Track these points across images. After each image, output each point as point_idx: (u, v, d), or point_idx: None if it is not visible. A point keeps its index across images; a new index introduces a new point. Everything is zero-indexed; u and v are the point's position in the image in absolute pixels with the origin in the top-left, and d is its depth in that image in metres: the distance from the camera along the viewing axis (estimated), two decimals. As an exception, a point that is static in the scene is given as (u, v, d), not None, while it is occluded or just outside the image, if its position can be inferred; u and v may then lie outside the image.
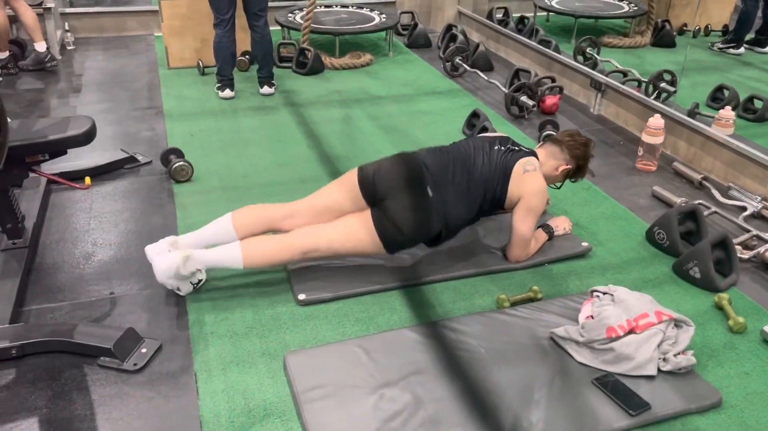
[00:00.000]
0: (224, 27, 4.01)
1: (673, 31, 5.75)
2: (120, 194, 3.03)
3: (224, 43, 4.06)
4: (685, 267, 2.47)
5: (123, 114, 3.98)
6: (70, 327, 2.07)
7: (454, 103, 4.27)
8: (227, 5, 3.95)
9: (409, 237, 2.33)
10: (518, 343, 2.10)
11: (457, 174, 2.39)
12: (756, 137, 3.54)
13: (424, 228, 2.33)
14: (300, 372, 1.95)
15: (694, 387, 1.94)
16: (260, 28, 4.11)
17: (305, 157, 3.45)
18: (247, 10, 4.08)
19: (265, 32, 4.13)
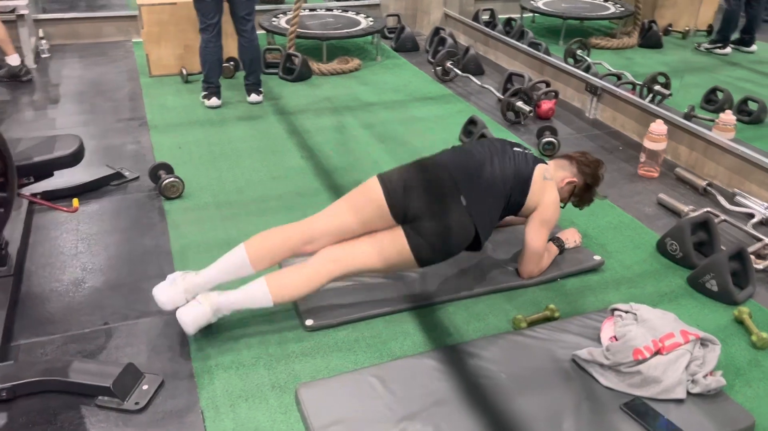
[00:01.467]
0: (210, 32, 3.87)
1: (659, 32, 5.74)
2: (108, 213, 2.88)
3: (210, 48, 3.92)
4: (702, 280, 2.41)
5: (105, 126, 3.81)
6: (64, 365, 1.93)
7: (448, 109, 4.18)
8: (214, 9, 3.81)
9: (447, 253, 2.24)
10: (539, 368, 2.01)
11: (484, 174, 2.28)
12: (753, 140, 3.51)
13: (462, 242, 2.23)
14: (314, 407, 1.83)
15: (726, 410, 1.87)
16: (248, 33, 3.97)
17: (301, 169, 3.32)
18: (234, 14, 3.94)
19: (252, 37, 4.00)
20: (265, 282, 2.08)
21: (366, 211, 2.20)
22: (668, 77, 4.18)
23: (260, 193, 3.08)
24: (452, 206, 2.18)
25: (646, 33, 5.71)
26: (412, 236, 2.15)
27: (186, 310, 2.04)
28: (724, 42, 5.45)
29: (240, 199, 3.02)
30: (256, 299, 2.09)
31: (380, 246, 2.16)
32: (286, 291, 2.10)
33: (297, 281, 2.11)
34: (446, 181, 2.22)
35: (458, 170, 2.27)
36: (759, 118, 3.97)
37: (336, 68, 4.84)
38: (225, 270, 2.15)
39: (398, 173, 2.27)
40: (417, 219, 2.16)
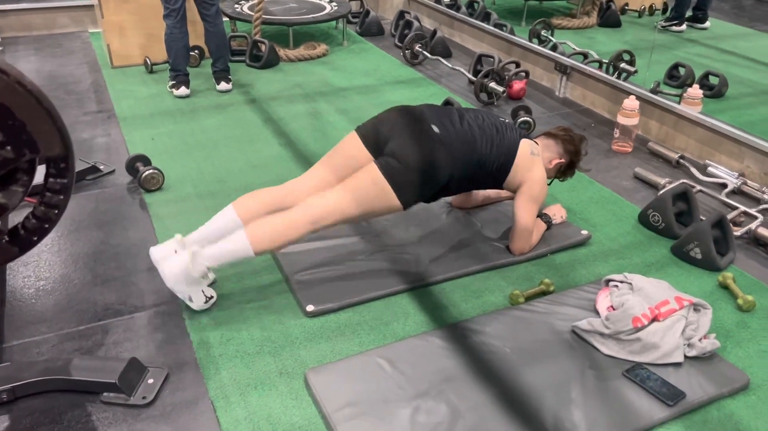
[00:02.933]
0: (174, 17, 3.77)
1: (617, 11, 5.86)
2: (88, 208, 2.80)
3: (176, 35, 3.82)
4: (686, 249, 2.49)
5: (72, 120, 3.69)
6: (64, 363, 1.88)
7: (420, 92, 4.19)
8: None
9: (418, 172, 2.15)
10: (542, 340, 2.06)
11: (464, 122, 2.32)
12: (717, 113, 3.63)
13: (433, 160, 2.18)
14: (326, 391, 1.84)
15: (722, 371, 1.95)
16: (212, 18, 3.89)
17: (280, 157, 3.29)
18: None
19: (217, 22, 3.92)
20: (244, 233, 2.07)
21: (342, 155, 2.28)
22: (633, 54, 4.28)
23: (242, 182, 3.03)
24: (421, 126, 2.22)
25: (605, 12, 5.82)
26: (382, 162, 2.17)
27: (165, 261, 2.06)
28: (679, 19, 5.60)
29: (222, 189, 2.97)
30: (236, 248, 2.07)
31: (355, 184, 2.16)
32: (265, 240, 2.08)
33: (276, 228, 2.10)
34: (418, 113, 2.29)
35: (435, 112, 2.33)
36: (720, 92, 4.10)
37: (304, 54, 4.79)
38: (215, 228, 2.17)
39: (374, 117, 2.36)
40: (387, 143, 2.20)
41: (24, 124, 1.42)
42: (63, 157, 1.50)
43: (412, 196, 2.21)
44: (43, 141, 1.46)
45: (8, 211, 1.55)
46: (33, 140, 1.45)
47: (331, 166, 2.30)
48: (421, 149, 2.17)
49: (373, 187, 2.14)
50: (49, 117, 1.44)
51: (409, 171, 2.15)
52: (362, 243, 2.53)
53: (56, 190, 1.56)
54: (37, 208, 1.59)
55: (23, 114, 1.41)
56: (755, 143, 3.05)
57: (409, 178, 2.16)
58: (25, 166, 1.51)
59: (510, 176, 2.39)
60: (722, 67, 4.56)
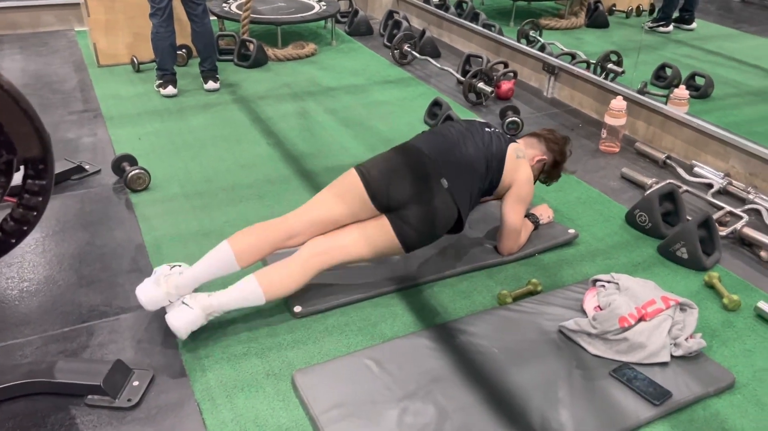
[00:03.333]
0: (161, 16, 3.75)
1: (605, 12, 5.89)
2: (74, 208, 2.77)
3: (162, 34, 3.80)
4: (672, 249, 2.50)
5: (57, 119, 3.66)
6: (48, 365, 1.86)
7: (409, 92, 4.19)
8: None
9: (432, 237, 2.25)
10: (529, 340, 2.06)
11: (460, 155, 2.30)
12: (703, 113, 3.65)
13: (447, 224, 2.25)
14: (313, 392, 1.83)
15: (708, 370, 1.96)
16: (199, 17, 3.86)
17: (268, 157, 3.27)
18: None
19: (204, 21, 3.89)
20: (255, 281, 2.03)
21: (347, 203, 2.18)
22: (620, 55, 4.30)
23: (230, 182, 3.02)
24: (435, 190, 2.19)
25: (593, 13, 5.84)
26: (397, 224, 2.15)
27: (177, 315, 1.95)
28: (666, 20, 5.64)
29: (209, 189, 2.96)
30: (248, 298, 2.04)
31: (366, 235, 2.15)
32: (276, 288, 2.06)
33: (287, 276, 2.08)
34: (426, 165, 2.23)
35: (436, 152, 2.28)
36: (706, 93, 4.13)
37: (292, 53, 4.77)
38: (210, 269, 2.08)
39: (376, 162, 2.26)
40: (401, 207, 2.16)
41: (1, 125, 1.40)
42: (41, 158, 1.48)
43: (420, 247, 2.28)
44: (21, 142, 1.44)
45: (-12, 212, 1.53)
46: (10, 141, 1.43)
47: (334, 203, 2.20)
48: (438, 220, 2.20)
49: (385, 243, 2.17)
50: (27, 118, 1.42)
51: (421, 236, 2.21)
52: (350, 244, 2.52)
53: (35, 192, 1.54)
54: (15, 209, 1.57)
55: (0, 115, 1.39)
56: (740, 143, 3.07)
57: (420, 242, 2.24)
58: (3, 167, 1.49)
59: (501, 184, 2.41)
60: (708, 68, 4.59)
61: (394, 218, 2.16)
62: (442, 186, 2.21)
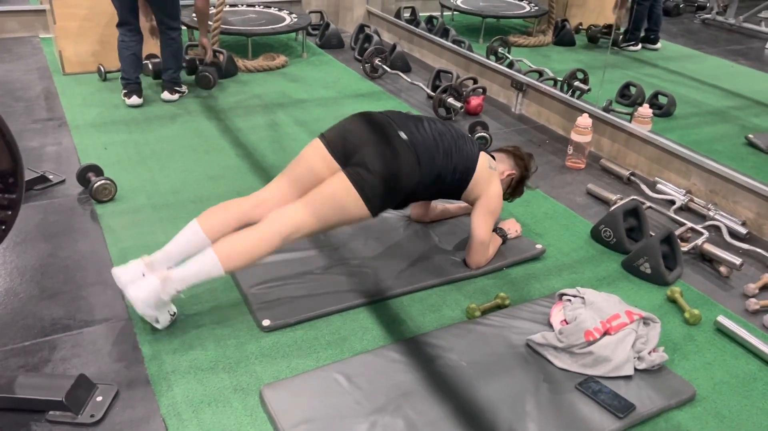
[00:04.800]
0: (126, 26, 3.75)
1: (572, 30, 6.02)
2: (36, 219, 2.71)
3: (126, 42, 3.79)
4: (636, 264, 2.56)
5: (20, 127, 3.58)
6: (8, 380, 1.81)
7: (380, 106, 4.20)
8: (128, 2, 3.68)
9: (389, 182, 2.16)
10: (497, 353, 2.08)
11: (425, 129, 2.32)
12: (666, 131, 3.76)
13: (403, 169, 2.19)
14: (281, 407, 1.81)
15: (670, 383, 2.00)
16: (170, 29, 3.85)
17: (237, 168, 3.25)
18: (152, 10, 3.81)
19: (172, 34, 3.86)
20: (212, 251, 2.02)
21: (307, 164, 2.22)
22: (586, 73, 4.40)
23: (198, 194, 2.99)
24: (389, 134, 2.22)
25: (560, 32, 5.96)
26: (351, 172, 2.14)
27: (136, 287, 1.98)
28: (635, 40, 5.78)
29: (177, 200, 2.92)
30: (206, 268, 2.01)
31: (323, 195, 2.13)
32: (235, 258, 2.03)
33: (246, 245, 2.05)
34: (385, 119, 2.28)
35: (395, 116, 2.34)
36: (669, 111, 4.25)
37: (263, 65, 4.76)
38: (181, 245, 2.10)
39: (338, 125, 2.32)
40: (356, 153, 2.17)
41: None
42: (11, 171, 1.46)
43: (382, 204, 2.22)
44: None
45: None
46: None
47: (296, 176, 2.25)
48: (391, 159, 2.17)
49: (344, 196, 2.13)
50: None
51: (379, 181, 2.15)
52: (320, 257, 2.52)
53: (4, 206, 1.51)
54: (-17, 223, 1.53)
55: None
56: (701, 161, 3.16)
57: (380, 188, 2.16)
58: None
59: (469, 188, 2.42)
60: (671, 87, 4.72)
61: (350, 169, 2.16)
62: (400, 136, 2.23)
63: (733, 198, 3.04)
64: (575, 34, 6.11)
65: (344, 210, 2.15)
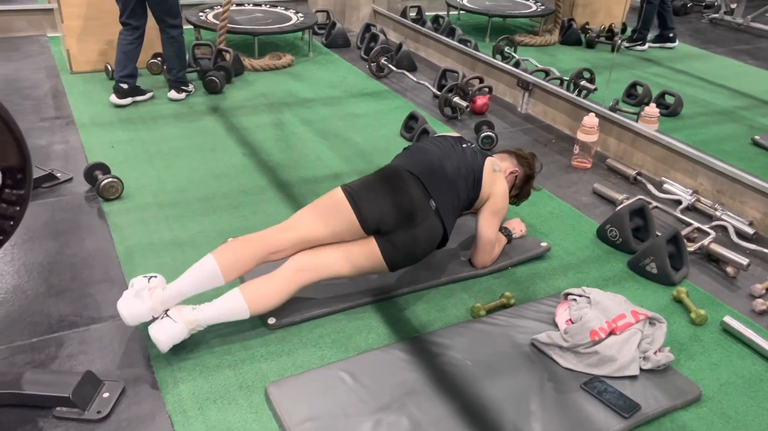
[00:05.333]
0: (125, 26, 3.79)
1: (579, 30, 6.00)
2: (44, 217, 2.73)
3: (121, 40, 3.82)
4: (642, 263, 2.55)
5: (28, 125, 3.60)
6: (15, 377, 1.82)
7: (386, 105, 4.21)
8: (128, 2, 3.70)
9: (419, 258, 2.29)
10: (502, 353, 2.08)
11: (445, 172, 2.33)
12: (672, 131, 3.74)
13: (433, 245, 2.29)
14: (286, 405, 1.82)
15: (676, 383, 2.00)
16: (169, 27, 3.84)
17: (243, 167, 3.26)
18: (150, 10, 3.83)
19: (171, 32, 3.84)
20: (241, 295, 2.02)
21: (334, 222, 2.16)
22: (592, 72, 4.39)
23: (204, 192, 3.00)
24: (424, 212, 2.21)
25: (566, 31, 5.95)
26: (386, 247, 2.17)
27: (160, 329, 1.93)
28: (643, 40, 5.76)
29: (183, 199, 2.93)
30: (233, 312, 2.02)
31: (352, 255, 2.15)
32: (261, 302, 2.05)
33: (272, 291, 2.07)
34: (415, 188, 2.23)
35: (423, 173, 2.29)
36: (676, 111, 4.23)
37: (269, 64, 4.77)
38: (195, 283, 2.04)
39: (364, 186, 2.24)
40: (391, 232, 2.17)
41: None
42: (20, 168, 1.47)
43: (405, 267, 2.32)
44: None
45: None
46: None
47: (321, 221, 2.17)
48: (426, 242, 2.24)
49: (370, 263, 2.19)
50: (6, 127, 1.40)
51: (407, 257, 2.24)
52: (325, 256, 2.52)
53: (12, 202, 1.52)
54: (-8, 219, 1.54)
55: None
56: (708, 161, 3.15)
57: (406, 262, 2.28)
58: None
59: (479, 199, 2.45)
60: (678, 86, 4.71)
61: (383, 242, 2.17)
62: (430, 207, 2.23)
63: (740, 198, 3.03)
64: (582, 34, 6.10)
65: (366, 271, 2.22)
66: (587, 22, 6.27)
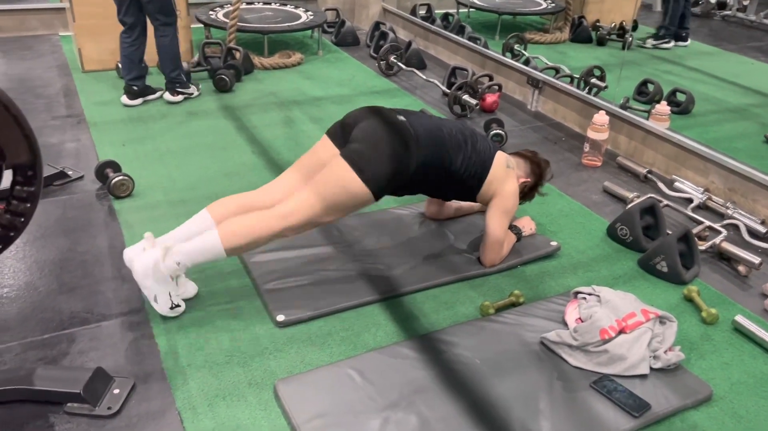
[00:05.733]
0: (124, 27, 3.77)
1: (589, 27, 5.97)
2: (55, 214, 2.75)
3: (120, 43, 3.79)
4: (652, 262, 2.54)
5: (40, 124, 3.63)
6: (27, 372, 1.84)
7: (395, 103, 4.21)
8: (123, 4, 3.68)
9: (383, 153, 2.11)
10: (511, 351, 2.07)
11: (431, 122, 2.34)
12: (683, 129, 3.71)
13: (398, 142, 2.15)
14: (295, 402, 1.83)
15: (686, 383, 1.99)
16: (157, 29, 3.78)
17: (253, 165, 3.27)
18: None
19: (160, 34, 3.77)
20: (215, 230, 2.07)
21: (315, 155, 2.28)
22: (603, 70, 4.37)
23: (214, 190, 3.01)
24: (389, 117, 2.23)
25: (577, 28, 5.92)
26: (347, 151, 2.15)
27: (138, 257, 2.03)
28: (670, 37, 5.69)
29: (193, 197, 2.94)
30: (207, 246, 2.06)
31: (321, 178, 2.15)
32: (235, 236, 2.07)
33: (245, 224, 2.09)
34: (385, 109, 2.31)
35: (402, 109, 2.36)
36: (687, 109, 4.20)
37: (279, 62, 4.78)
38: (187, 228, 2.16)
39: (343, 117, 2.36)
40: (353, 132, 2.19)
41: None
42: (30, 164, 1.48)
43: (378, 179, 2.12)
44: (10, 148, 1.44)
45: (-28, 217, 1.52)
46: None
47: (301, 168, 2.33)
48: (385, 130, 2.17)
49: (342, 176, 2.10)
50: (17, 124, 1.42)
51: (372, 151, 2.11)
52: (334, 253, 2.53)
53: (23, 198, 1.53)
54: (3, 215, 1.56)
55: None
56: (720, 159, 3.13)
57: (373, 160, 2.11)
58: None
59: (484, 188, 2.41)
60: (689, 84, 4.67)
61: (346, 149, 2.17)
62: (398, 118, 2.25)
63: (752, 196, 3.00)
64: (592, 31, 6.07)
65: (343, 192, 2.11)
66: (598, 19, 6.23)
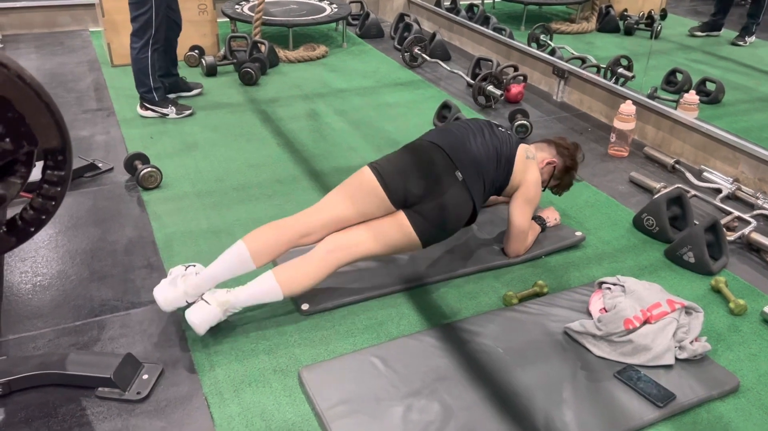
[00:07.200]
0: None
1: (616, 17, 5.88)
2: (86, 205, 2.82)
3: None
4: (679, 253, 2.51)
5: (71, 117, 3.71)
6: (60, 358, 1.89)
7: (419, 95, 4.21)
8: None
9: (450, 230, 2.29)
10: (534, 341, 2.07)
11: (470, 149, 2.31)
12: (713, 119, 3.65)
13: (463, 217, 2.27)
14: (319, 388, 1.85)
15: (712, 374, 1.97)
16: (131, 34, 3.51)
17: (278, 157, 3.30)
18: None
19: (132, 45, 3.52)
20: (273, 277, 2.05)
21: (362, 200, 2.18)
22: (630, 60, 4.31)
23: (240, 182, 3.05)
24: (450, 183, 2.21)
25: (604, 18, 5.85)
26: (415, 219, 2.17)
27: (195, 312, 1.98)
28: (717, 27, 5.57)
29: (220, 188, 2.99)
30: (266, 294, 2.06)
31: (383, 232, 2.16)
32: (294, 284, 2.08)
33: (304, 273, 2.09)
34: (440, 159, 2.24)
35: (448, 146, 2.30)
36: (717, 98, 4.13)
37: (303, 55, 4.81)
38: (226, 268, 2.09)
39: (390, 160, 2.27)
40: (418, 203, 2.17)
41: (23, 117, 1.44)
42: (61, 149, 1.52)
43: (437, 241, 2.31)
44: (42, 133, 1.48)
45: (6, 202, 1.57)
46: (31, 133, 1.46)
47: (349, 201, 2.20)
48: (455, 213, 2.23)
49: (403, 239, 2.18)
50: (48, 110, 1.45)
51: (439, 230, 2.23)
52: (358, 244, 2.55)
53: (54, 182, 1.58)
54: (35, 199, 1.60)
55: (22, 107, 1.42)
56: (750, 149, 3.07)
57: (438, 235, 2.26)
58: (24, 158, 1.52)
59: (510, 184, 2.43)
60: (719, 73, 4.59)
61: (411, 213, 2.17)
62: (456, 178, 2.23)
63: (783, 186, 2.95)
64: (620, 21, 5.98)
65: (398, 248, 2.21)
66: (626, 8, 6.15)
